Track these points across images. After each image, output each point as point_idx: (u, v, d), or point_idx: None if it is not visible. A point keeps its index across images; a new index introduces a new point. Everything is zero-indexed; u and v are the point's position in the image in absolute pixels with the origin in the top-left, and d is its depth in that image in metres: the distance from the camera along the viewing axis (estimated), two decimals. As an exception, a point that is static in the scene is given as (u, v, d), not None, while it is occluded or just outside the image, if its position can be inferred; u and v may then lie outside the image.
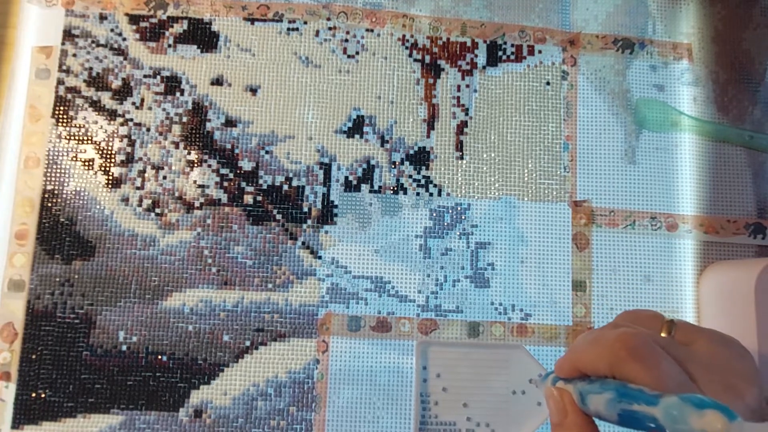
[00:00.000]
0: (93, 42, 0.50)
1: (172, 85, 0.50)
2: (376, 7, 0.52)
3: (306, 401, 0.46)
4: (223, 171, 0.49)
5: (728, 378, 0.26)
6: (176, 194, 0.49)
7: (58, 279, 0.47)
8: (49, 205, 0.48)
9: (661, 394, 0.24)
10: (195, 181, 0.49)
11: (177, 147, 0.49)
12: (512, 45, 0.52)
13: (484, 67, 0.52)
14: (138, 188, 0.48)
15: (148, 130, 0.49)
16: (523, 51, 0.52)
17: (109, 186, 0.48)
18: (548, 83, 0.52)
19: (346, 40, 0.51)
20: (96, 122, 0.49)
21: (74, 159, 0.48)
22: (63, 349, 0.46)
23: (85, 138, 0.49)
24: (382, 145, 0.50)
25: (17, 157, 0.48)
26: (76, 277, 0.47)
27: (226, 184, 0.49)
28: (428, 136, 0.50)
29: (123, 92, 0.50)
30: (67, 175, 0.48)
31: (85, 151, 0.49)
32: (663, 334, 0.29)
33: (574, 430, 0.26)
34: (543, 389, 0.31)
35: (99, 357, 0.46)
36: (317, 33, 0.51)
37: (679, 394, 0.23)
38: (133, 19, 0.51)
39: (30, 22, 0.50)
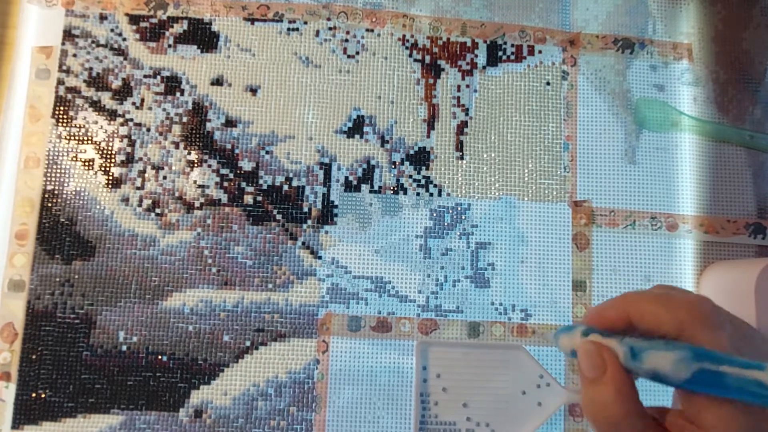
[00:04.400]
0: (93, 42, 0.50)
1: (172, 85, 0.50)
2: (376, 7, 0.52)
3: (306, 401, 0.46)
4: (223, 171, 0.49)
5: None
6: (176, 194, 0.48)
7: (58, 279, 0.47)
8: (49, 205, 0.48)
9: (761, 364, 0.22)
10: (195, 181, 0.49)
11: (177, 147, 0.49)
12: (512, 45, 0.52)
13: (484, 67, 0.52)
14: (138, 188, 0.48)
15: (148, 130, 0.49)
16: (523, 51, 0.52)
17: (109, 186, 0.48)
18: (548, 83, 0.52)
19: (346, 40, 0.51)
20: (96, 122, 0.49)
21: (74, 159, 0.48)
22: (63, 349, 0.46)
23: (85, 138, 0.49)
24: (382, 145, 0.50)
25: (17, 157, 0.48)
26: (76, 277, 0.47)
27: (226, 184, 0.49)
28: (428, 136, 0.50)
29: (123, 92, 0.50)
30: (67, 175, 0.48)
31: (85, 151, 0.49)
32: None
33: (612, 387, 0.24)
34: (559, 343, 0.28)
35: (99, 357, 0.46)
36: (317, 33, 0.51)
37: None
38: (133, 19, 0.51)
39: (30, 22, 0.50)
